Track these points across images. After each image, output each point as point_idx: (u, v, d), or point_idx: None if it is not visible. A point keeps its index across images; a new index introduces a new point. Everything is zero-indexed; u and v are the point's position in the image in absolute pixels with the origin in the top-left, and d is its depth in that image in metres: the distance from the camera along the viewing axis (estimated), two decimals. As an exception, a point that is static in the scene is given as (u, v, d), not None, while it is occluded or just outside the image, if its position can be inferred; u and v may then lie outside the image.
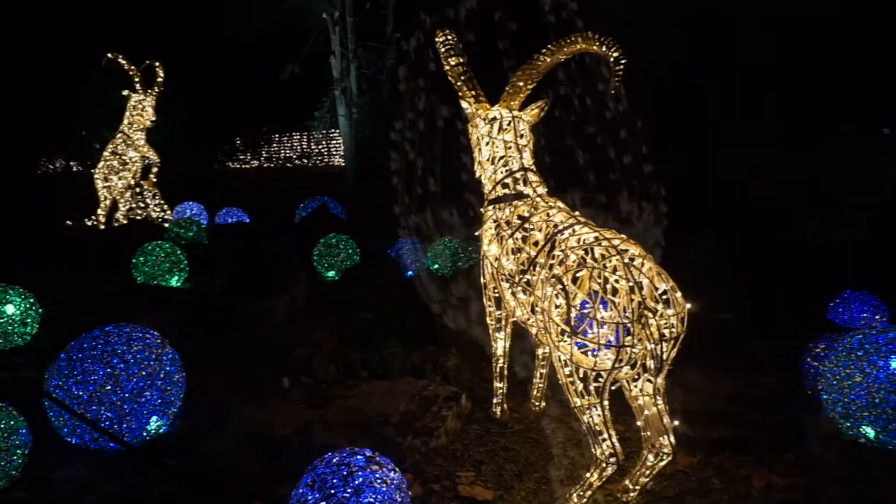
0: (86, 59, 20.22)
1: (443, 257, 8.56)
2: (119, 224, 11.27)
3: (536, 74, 4.18)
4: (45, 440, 3.93)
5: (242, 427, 4.11)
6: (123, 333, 4.14)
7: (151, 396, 4.01)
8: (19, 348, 5.61)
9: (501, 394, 4.44)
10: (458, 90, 4.32)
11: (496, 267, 4.03)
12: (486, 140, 4.26)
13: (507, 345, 4.31)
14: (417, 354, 5.30)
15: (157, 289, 6.71)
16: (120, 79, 11.65)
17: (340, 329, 5.94)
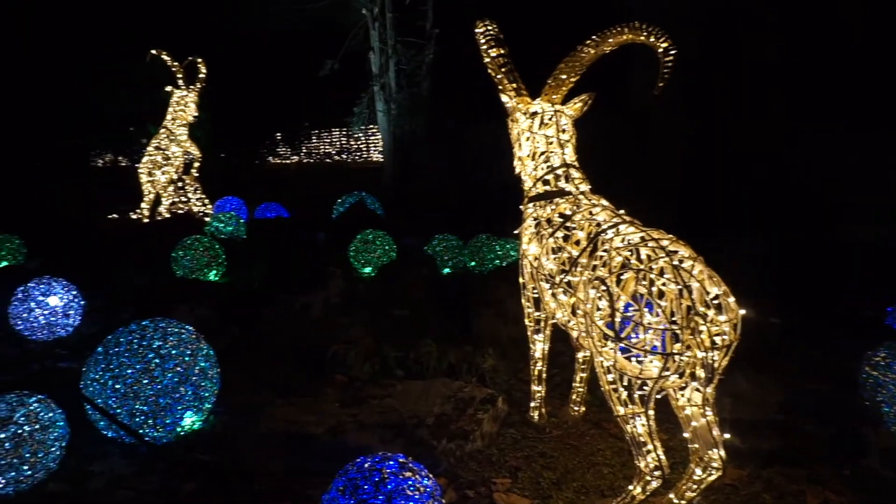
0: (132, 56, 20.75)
1: (480, 254, 8.43)
2: (162, 218, 11.44)
3: (580, 67, 4.02)
4: (83, 432, 3.95)
5: (275, 425, 4.06)
6: (159, 328, 4.13)
7: (186, 392, 4.00)
8: (62, 340, 5.70)
9: (540, 398, 4.30)
10: (497, 83, 4.19)
11: (536, 266, 3.89)
12: (527, 135, 4.12)
13: (547, 347, 4.17)
14: (453, 354, 5.19)
15: (195, 283, 6.75)
16: (164, 75, 11.83)
17: (375, 326, 5.88)
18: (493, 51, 3.97)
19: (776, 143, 11.98)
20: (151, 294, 6.27)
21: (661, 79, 3.74)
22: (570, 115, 4.14)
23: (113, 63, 21.77)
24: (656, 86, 3.77)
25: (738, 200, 11.16)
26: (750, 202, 10.90)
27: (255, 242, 8.83)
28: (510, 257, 7.98)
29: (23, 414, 3.58)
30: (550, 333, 4.17)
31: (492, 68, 4.12)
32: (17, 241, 8.49)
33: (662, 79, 3.74)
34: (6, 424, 3.52)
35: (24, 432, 3.54)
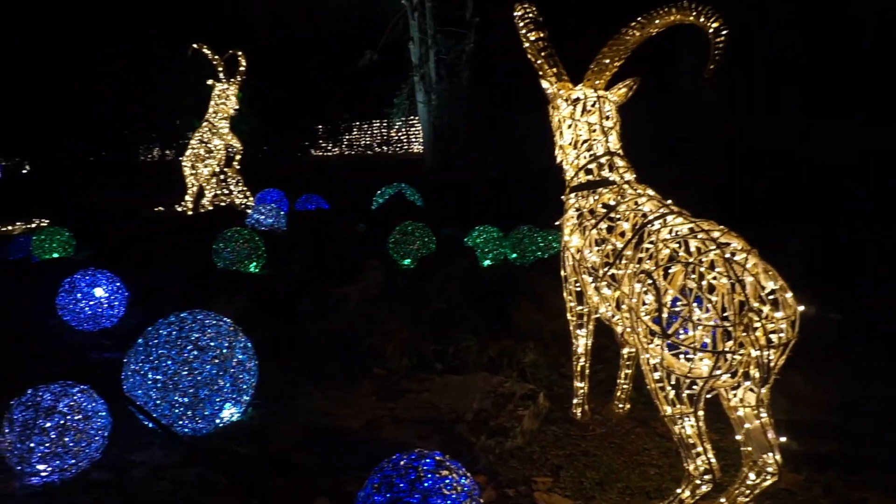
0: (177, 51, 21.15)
1: (521, 245, 8.29)
2: (204, 210, 11.62)
3: (624, 50, 3.85)
4: (124, 422, 3.98)
5: (311, 418, 4.03)
6: (197, 320, 4.13)
7: (224, 384, 4.00)
8: (107, 330, 5.80)
9: (582, 394, 4.16)
10: (537, 68, 4.04)
11: (578, 259, 3.75)
12: (569, 123, 3.97)
13: (590, 343, 4.03)
14: (493, 348, 5.08)
15: (235, 275, 6.80)
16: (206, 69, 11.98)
17: (413, 319, 5.80)
18: (532, 34, 3.82)
19: (827, 132, 11.48)
20: (192, 286, 6.34)
21: (712, 61, 3.55)
22: (614, 101, 3.97)
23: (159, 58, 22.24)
24: (707, 69, 3.58)
25: (788, 190, 10.70)
26: (803, 191, 10.43)
27: (295, 234, 8.86)
28: (552, 249, 7.82)
29: (66, 404, 3.63)
30: (594, 328, 4.02)
31: (531, 53, 3.97)
32: (66, 234, 8.71)
33: (713, 61, 3.55)
34: (51, 414, 3.58)
35: (68, 421, 3.59)
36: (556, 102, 4.05)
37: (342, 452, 3.64)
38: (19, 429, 3.53)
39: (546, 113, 4.22)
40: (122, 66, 23.11)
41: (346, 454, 3.63)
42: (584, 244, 3.68)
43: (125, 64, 23.13)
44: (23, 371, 4.81)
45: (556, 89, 4.00)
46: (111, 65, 23.07)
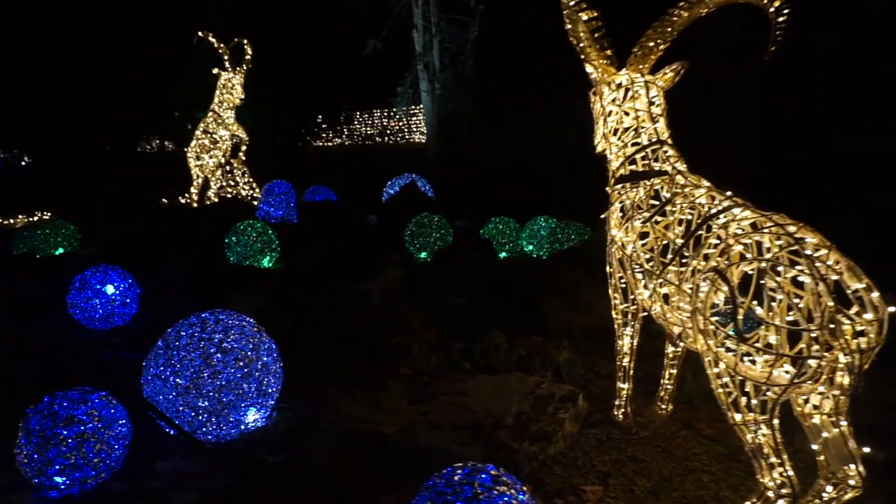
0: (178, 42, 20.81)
1: (537, 238, 8.08)
2: (211, 202, 11.37)
3: (671, 33, 3.62)
4: (145, 428, 3.78)
5: (341, 423, 3.82)
6: (220, 321, 3.92)
7: (249, 388, 3.79)
8: (119, 329, 5.58)
9: (626, 396, 3.96)
10: (581, 52, 3.80)
11: (626, 254, 3.53)
12: (613, 109, 3.74)
13: (636, 342, 3.82)
14: (523, 345, 4.88)
15: (249, 270, 6.58)
16: (208, 61, 11.71)
17: (436, 315, 5.60)
18: (584, 14, 3.58)
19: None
20: (205, 282, 6.11)
21: (774, 42, 3.32)
22: (660, 87, 3.75)
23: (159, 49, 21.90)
24: (767, 50, 3.35)
25: (841, 183, 10.27)
26: (856, 185, 10.04)
27: (306, 227, 8.63)
28: (571, 241, 7.61)
29: (86, 412, 3.42)
30: (640, 327, 3.81)
31: (577, 35, 3.73)
32: (71, 228, 8.47)
33: (775, 42, 3.32)
34: (70, 423, 3.37)
35: (87, 430, 3.39)
36: (599, 88, 3.82)
37: (377, 460, 3.44)
38: (36, 440, 3.32)
39: (560, 101, 3.99)
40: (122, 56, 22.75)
41: (382, 462, 3.42)
42: (633, 239, 3.46)
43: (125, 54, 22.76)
44: (36, 374, 4.60)
45: (600, 74, 3.77)
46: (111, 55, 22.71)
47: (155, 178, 17.52)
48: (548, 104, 17.50)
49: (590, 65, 3.78)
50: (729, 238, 2.74)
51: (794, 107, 11.53)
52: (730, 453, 3.71)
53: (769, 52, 3.35)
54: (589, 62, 3.79)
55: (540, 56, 18.24)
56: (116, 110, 24.62)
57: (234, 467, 3.62)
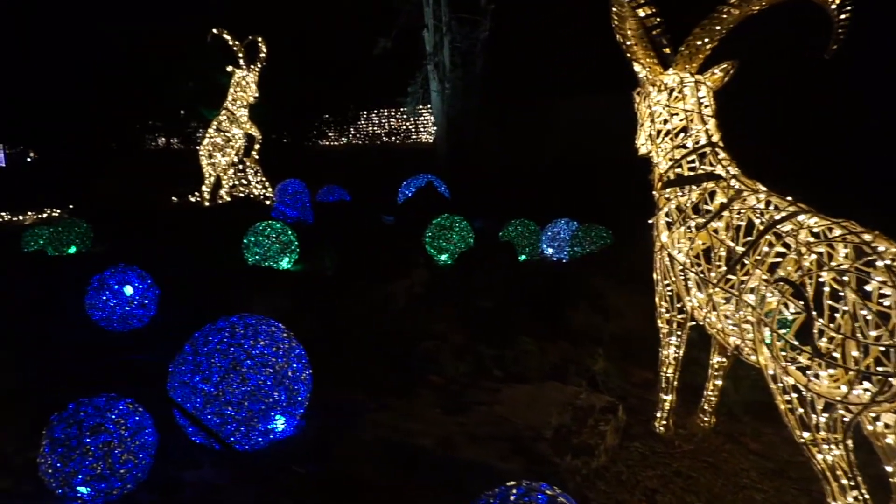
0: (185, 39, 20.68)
1: (558, 240, 7.94)
2: (223, 201, 11.23)
3: (719, 31, 3.47)
4: (171, 436, 3.65)
5: (375, 433, 3.68)
6: (249, 325, 3.78)
7: (279, 396, 3.65)
8: (137, 331, 5.45)
9: (669, 408, 3.82)
10: (627, 50, 3.66)
11: (676, 261, 3.39)
12: (660, 110, 3.60)
13: (682, 353, 3.67)
14: (554, 352, 4.75)
15: (268, 271, 6.44)
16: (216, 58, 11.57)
17: (461, 319, 5.46)
18: (641, 10, 3.43)
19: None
20: (223, 283, 5.97)
21: (835, 40, 3.18)
22: (710, 87, 3.60)
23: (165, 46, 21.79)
24: (828, 48, 3.21)
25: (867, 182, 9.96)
26: None
27: (322, 228, 8.49)
28: (593, 245, 7.46)
29: (112, 420, 3.29)
30: (687, 337, 3.67)
31: (627, 32, 3.58)
32: (84, 226, 8.35)
33: (836, 40, 3.18)
34: (96, 431, 3.23)
35: (114, 439, 3.25)
36: (646, 88, 3.68)
37: (416, 475, 3.30)
38: (61, 448, 3.19)
39: (575, 100, 3.86)
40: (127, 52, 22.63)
41: (421, 477, 3.28)
42: (684, 245, 3.32)
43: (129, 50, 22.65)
44: (57, 378, 4.47)
45: (647, 73, 3.63)
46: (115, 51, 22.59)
47: (161, 176, 17.40)
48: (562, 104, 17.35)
49: (637, 63, 3.64)
50: (800, 246, 2.60)
51: (820, 104, 11.33)
52: (779, 469, 3.57)
53: (831, 51, 3.20)
54: (636, 61, 3.65)
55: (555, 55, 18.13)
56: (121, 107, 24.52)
57: (263, 479, 3.49)
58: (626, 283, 5.54)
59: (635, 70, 3.68)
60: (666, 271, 3.52)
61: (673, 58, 3.57)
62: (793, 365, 2.56)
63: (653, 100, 3.64)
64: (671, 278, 3.50)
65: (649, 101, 3.66)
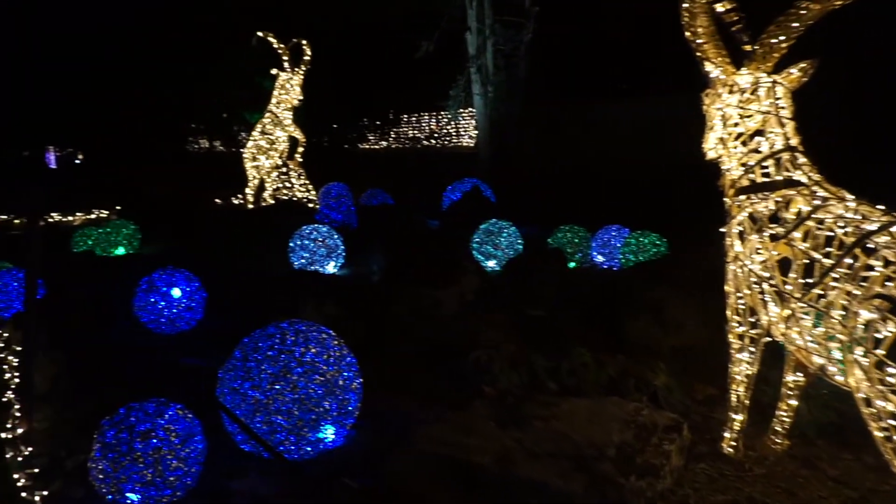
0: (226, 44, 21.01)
1: (609, 248, 7.72)
2: (266, 204, 11.29)
3: (797, 28, 3.25)
4: (218, 443, 3.58)
5: (429, 447, 3.54)
6: (300, 332, 3.69)
7: (329, 405, 3.55)
8: (185, 334, 5.43)
9: (739, 428, 3.59)
10: (697, 49, 3.46)
11: (751, 273, 3.18)
12: (734, 112, 3.39)
13: (755, 370, 3.45)
14: (611, 366, 4.54)
15: (314, 276, 6.38)
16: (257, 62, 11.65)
17: (513, 328, 5.29)
18: (720, 5, 3.23)
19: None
20: (271, 287, 5.93)
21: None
22: (787, 87, 3.38)
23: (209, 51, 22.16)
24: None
25: None
26: None
27: (367, 231, 8.42)
28: (647, 252, 7.21)
29: (162, 425, 3.23)
30: (761, 354, 3.44)
31: (698, 29, 3.38)
32: (132, 227, 8.45)
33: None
34: (146, 437, 3.18)
35: (164, 445, 3.19)
36: (717, 89, 3.47)
37: (475, 493, 3.15)
38: (112, 454, 3.14)
39: (626, 102, 3.65)
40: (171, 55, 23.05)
41: (481, 495, 3.13)
42: (763, 256, 3.11)
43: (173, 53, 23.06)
44: (107, 380, 4.46)
45: (719, 73, 3.43)
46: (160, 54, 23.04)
47: (205, 179, 17.65)
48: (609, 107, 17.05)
49: (709, 62, 3.44)
50: (903, 260, 2.38)
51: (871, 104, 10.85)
52: (861, 498, 3.31)
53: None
54: (707, 60, 3.45)
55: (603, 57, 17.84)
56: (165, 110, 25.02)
57: (312, 490, 3.38)
58: (686, 294, 5.31)
59: (706, 70, 3.47)
60: (739, 283, 3.31)
61: (749, 57, 3.36)
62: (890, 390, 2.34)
63: (725, 101, 3.44)
64: (745, 291, 3.29)
65: (721, 103, 3.45)
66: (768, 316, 3.14)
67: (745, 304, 3.33)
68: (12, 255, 6.84)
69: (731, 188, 3.41)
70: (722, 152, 3.50)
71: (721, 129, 3.49)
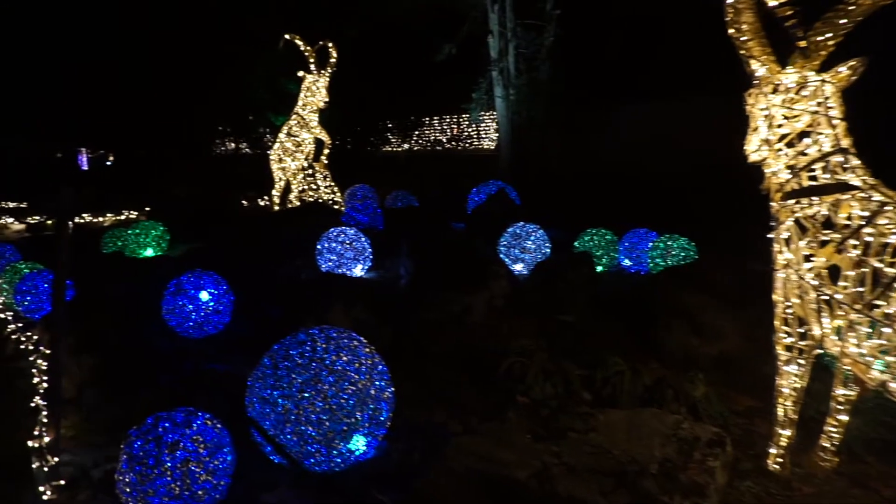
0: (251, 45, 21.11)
1: (636, 251, 7.55)
2: (292, 206, 11.28)
3: (846, 24, 3.10)
4: (247, 453, 3.51)
5: (463, 461, 3.43)
6: (331, 339, 3.60)
7: (361, 416, 3.46)
8: (213, 338, 5.39)
9: (786, 444, 3.43)
10: (741, 46, 3.32)
11: (802, 282, 3.03)
12: (781, 112, 3.24)
13: (804, 384, 3.29)
14: (647, 375, 4.39)
15: (342, 279, 6.30)
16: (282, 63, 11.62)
17: (544, 335, 5.18)
18: (772, 0, 3.09)
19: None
20: (299, 290, 5.87)
21: None
22: (836, 87, 3.22)
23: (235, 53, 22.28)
24: None
25: None
26: None
27: (393, 234, 8.34)
28: (676, 256, 7.03)
29: (191, 437, 3.16)
30: (811, 367, 3.28)
31: (743, 26, 3.24)
32: (161, 229, 8.46)
33: None
34: (175, 449, 3.11)
35: (192, 458, 3.12)
36: (763, 88, 3.32)
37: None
38: (139, 466, 3.08)
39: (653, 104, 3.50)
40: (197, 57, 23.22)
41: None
42: (816, 264, 2.96)
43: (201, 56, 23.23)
44: (136, 385, 4.43)
45: (765, 72, 3.28)
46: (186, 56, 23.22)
47: (232, 180, 17.75)
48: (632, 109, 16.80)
49: (754, 60, 3.29)
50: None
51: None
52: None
53: None
54: (752, 58, 3.30)
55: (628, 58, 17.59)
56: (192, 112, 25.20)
57: (343, 503, 3.30)
58: (721, 300, 5.15)
59: (750, 68, 3.32)
60: (788, 292, 3.16)
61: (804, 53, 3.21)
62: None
63: (770, 101, 3.29)
64: (793, 300, 3.14)
65: (766, 103, 3.30)
66: (821, 327, 2.99)
67: (794, 313, 3.18)
68: (45, 257, 6.87)
69: (777, 192, 3.26)
70: (766, 154, 3.35)
71: (765, 131, 3.34)
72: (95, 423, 4.26)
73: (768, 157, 3.34)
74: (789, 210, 3.18)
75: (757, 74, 3.34)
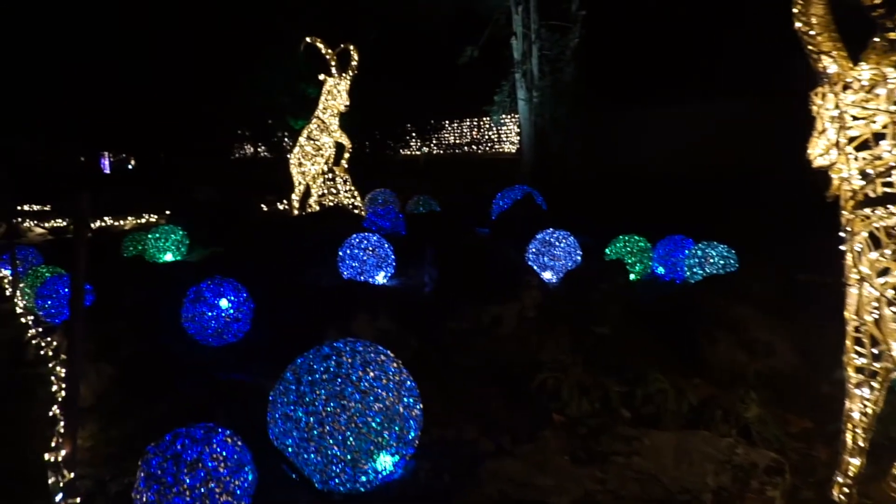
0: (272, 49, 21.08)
1: (672, 259, 7.25)
2: (312, 210, 11.12)
3: None
4: (267, 468, 3.30)
5: (497, 486, 3.19)
6: (357, 353, 3.38)
7: (389, 435, 3.23)
8: (232, 346, 5.20)
9: (854, 473, 3.14)
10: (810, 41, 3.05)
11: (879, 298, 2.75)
12: (853, 112, 2.96)
13: (878, 409, 3.00)
14: (692, 393, 4.12)
15: (364, 286, 6.09)
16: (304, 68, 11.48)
17: (579, 348, 4.92)
18: None
19: None
20: (320, 297, 5.65)
21: None
22: (915, 85, 2.93)
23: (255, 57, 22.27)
24: None
25: None
26: None
27: (416, 240, 8.12)
28: (715, 265, 6.72)
29: (211, 455, 2.96)
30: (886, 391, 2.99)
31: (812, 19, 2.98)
32: (180, 233, 8.33)
33: None
34: (194, 468, 2.91)
35: (212, 478, 2.92)
36: (832, 86, 3.05)
37: (554, 542, 2.79)
38: (157, 486, 2.88)
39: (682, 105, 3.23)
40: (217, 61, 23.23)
41: (560, 546, 2.77)
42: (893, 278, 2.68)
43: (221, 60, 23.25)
44: (155, 394, 4.24)
45: (836, 69, 3.01)
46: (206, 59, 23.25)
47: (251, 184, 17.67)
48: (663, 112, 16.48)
49: (826, 56, 3.02)
50: None
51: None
52: None
53: None
54: (822, 53, 3.03)
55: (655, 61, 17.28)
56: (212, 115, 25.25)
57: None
58: (770, 313, 4.86)
59: (820, 65, 3.05)
60: (861, 309, 2.88)
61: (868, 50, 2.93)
62: None
63: (843, 100, 3.01)
64: (866, 318, 2.86)
65: (837, 102, 3.02)
66: None
67: (868, 332, 2.90)
68: (67, 261, 6.76)
69: (849, 200, 2.98)
70: (835, 159, 3.07)
71: (834, 133, 3.06)
72: (113, 433, 4.09)
73: (837, 161, 3.07)
74: (863, 219, 2.90)
75: (828, 71, 3.07)
